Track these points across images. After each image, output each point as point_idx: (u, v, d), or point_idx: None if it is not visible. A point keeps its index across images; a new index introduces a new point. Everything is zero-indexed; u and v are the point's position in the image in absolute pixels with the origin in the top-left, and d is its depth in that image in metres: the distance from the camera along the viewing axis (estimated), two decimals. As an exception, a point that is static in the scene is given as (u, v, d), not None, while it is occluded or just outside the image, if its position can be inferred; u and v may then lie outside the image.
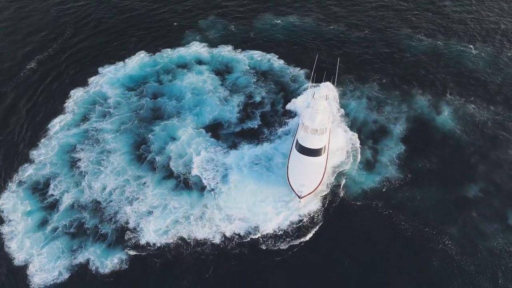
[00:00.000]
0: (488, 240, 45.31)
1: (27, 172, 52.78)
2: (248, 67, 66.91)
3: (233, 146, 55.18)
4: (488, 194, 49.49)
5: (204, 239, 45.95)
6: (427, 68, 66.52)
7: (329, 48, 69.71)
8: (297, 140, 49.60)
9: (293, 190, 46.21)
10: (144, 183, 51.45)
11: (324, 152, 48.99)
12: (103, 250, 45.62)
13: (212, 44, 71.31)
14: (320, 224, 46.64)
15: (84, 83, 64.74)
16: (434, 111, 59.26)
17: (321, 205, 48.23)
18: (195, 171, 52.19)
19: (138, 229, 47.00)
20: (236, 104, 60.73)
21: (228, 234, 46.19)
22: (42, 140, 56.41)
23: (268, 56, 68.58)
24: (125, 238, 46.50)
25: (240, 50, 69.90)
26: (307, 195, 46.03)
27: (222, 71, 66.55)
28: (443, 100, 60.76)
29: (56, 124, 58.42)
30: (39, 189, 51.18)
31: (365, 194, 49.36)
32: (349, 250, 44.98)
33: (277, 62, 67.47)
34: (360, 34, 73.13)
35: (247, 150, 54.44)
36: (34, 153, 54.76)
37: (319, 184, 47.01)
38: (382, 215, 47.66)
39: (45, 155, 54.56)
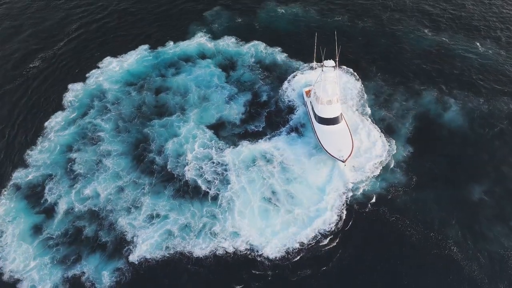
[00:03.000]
0: (493, 244, 42.93)
1: (22, 175, 49.82)
2: (252, 61, 62.85)
3: (236, 146, 51.83)
4: (495, 195, 46.53)
5: (204, 255, 42.75)
6: (432, 63, 61.92)
7: (332, 40, 65.09)
8: (316, 114, 51.25)
9: (335, 157, 47.87)
10: (143, 189, 48.09)
11: (342, 118, 51.25)
12: (99, 263, 42.65)
13: (217, 36, 67.29)
14: (329, 237, 43.60)
15: (83, 78, 61.28)
16: (441, 107, 55.29)
17: (329, 216, 45.01)
18: (195, 175, 48.90)
19: (135, 242, 43.85)
20: (241, 104, 56.91)
21: (229, 250, 42.98)
22: (39, 139, 53.44)
23: (272, 49, 64.49)
24: (122, 250, 43.43)
25: (244, 42, 65.78)
26: (348, 157, 47.60)
27: (227, 65, 62.65)
28: (449, 97, 56.54)
29: (53, 122, 55.36)
30: (34, 194, 48.19)
31: (372, 201, 46.54)
32: (357, 261, 42.65)
33: (281, 56, 63.41)
34: (365, 26, 68.56)
35: (249, 150, 50.97)
36: (29, 154, 51.78)
37: (353, 145, 48.66)
38: (389, 221, 44.83)
39: (41, 156, 51.44)
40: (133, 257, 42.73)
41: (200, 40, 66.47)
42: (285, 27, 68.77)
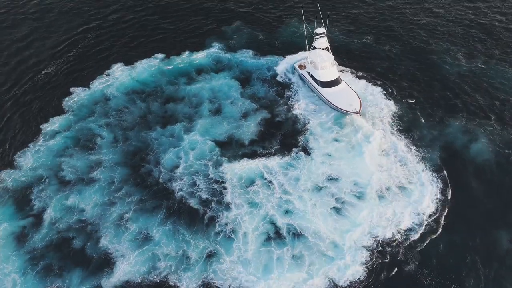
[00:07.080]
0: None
1: (10, 179, 46.10)
2: (269, 77, 57.98)
3: (235, 161, 46.68)
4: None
5: None
6: (464, 90, 55.02)
7: (355, 62, 59.85)
8: (317, 80, 53.42)
9: (348, 111, 49.96)
10: (133, 205, 43.16)
11: (341, 79, 53.88)
12: (79, 281, 38.14)
13: (234, 49, 63.18)
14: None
15: (88, 83, 58.15)
16: (470, 139, 48.48)
17: (341, 261, 38.46)
18: (189, 194, 43.76)
19: (117, 263, 38.95)
20: (256, 121, 51.65)
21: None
22: (32, 143, 50.02)
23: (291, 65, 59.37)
24: (104, 270, 38.67)
25: (262, 56, 61.41)
26: (360, 108, 49.97)
27: (243, 78, 58.06)
28: (480, 128, 49.66)
29: (50, 126, 52.01)
30: (20, 201, 44.34)
31: (392, 248, 39.79)
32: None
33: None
34: (391, 48, 62.78)
35: (249, 169, 45.37)
36: (21, 159, 48.16)
37: (359, 98, 51.28)
38: (405, 271, 38.14)
39: (32, 161, 47.71)
40: (113, 280, 37.88)
41: (217, 52, 62.51)
42: (305, 45, 63.05)
